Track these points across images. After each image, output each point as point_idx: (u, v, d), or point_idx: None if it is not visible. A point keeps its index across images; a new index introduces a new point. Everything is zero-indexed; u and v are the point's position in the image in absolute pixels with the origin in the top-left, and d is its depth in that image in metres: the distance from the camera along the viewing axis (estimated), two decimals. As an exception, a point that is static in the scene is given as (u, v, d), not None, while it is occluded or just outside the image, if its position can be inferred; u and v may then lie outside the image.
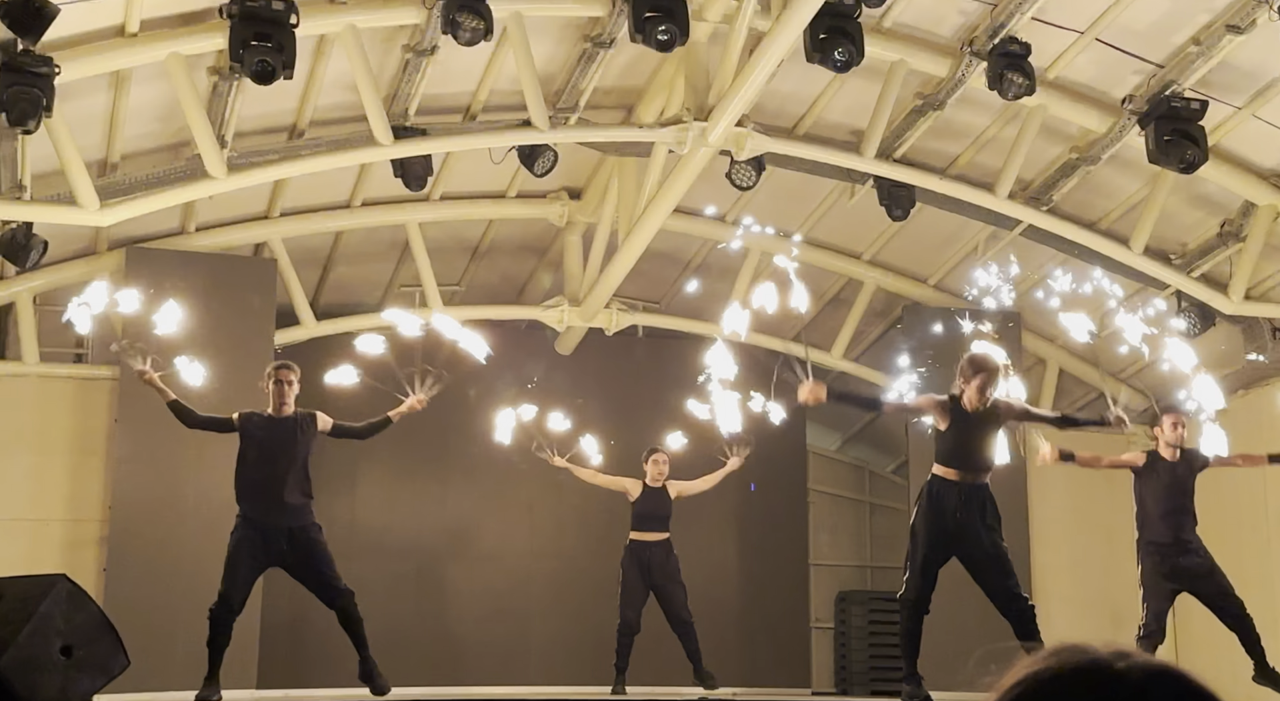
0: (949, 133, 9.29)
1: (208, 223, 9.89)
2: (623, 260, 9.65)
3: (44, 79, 7.04)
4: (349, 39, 7.79)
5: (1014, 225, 9.83)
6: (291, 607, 9.40)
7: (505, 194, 10.43)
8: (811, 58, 7.66)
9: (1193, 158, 8.14)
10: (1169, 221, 9.52)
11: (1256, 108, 8.42)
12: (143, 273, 9.43)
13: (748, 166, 9.07)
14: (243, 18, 7.19)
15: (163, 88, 7.98)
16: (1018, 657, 1.04)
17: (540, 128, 8.39)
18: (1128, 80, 8.43)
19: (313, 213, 10.10)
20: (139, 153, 8.76)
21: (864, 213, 10.04)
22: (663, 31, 7.41)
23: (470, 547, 10.96)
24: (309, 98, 8.62)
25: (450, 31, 7.39)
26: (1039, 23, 8.01)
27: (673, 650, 8.55)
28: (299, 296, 10.23)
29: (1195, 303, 9.88)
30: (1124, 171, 9.26)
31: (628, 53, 8.39)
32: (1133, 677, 0.99)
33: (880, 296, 11.37)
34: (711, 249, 11.21)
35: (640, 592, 8.41)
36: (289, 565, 6.87)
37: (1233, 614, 7.15)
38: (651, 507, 8.52)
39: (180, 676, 7.66)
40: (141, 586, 8.92)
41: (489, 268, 11.31)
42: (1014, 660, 1.04)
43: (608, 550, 9.04)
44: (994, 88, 8.06)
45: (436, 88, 8.58)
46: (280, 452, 6.83)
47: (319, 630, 8.77)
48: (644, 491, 8.58)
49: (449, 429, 10.60)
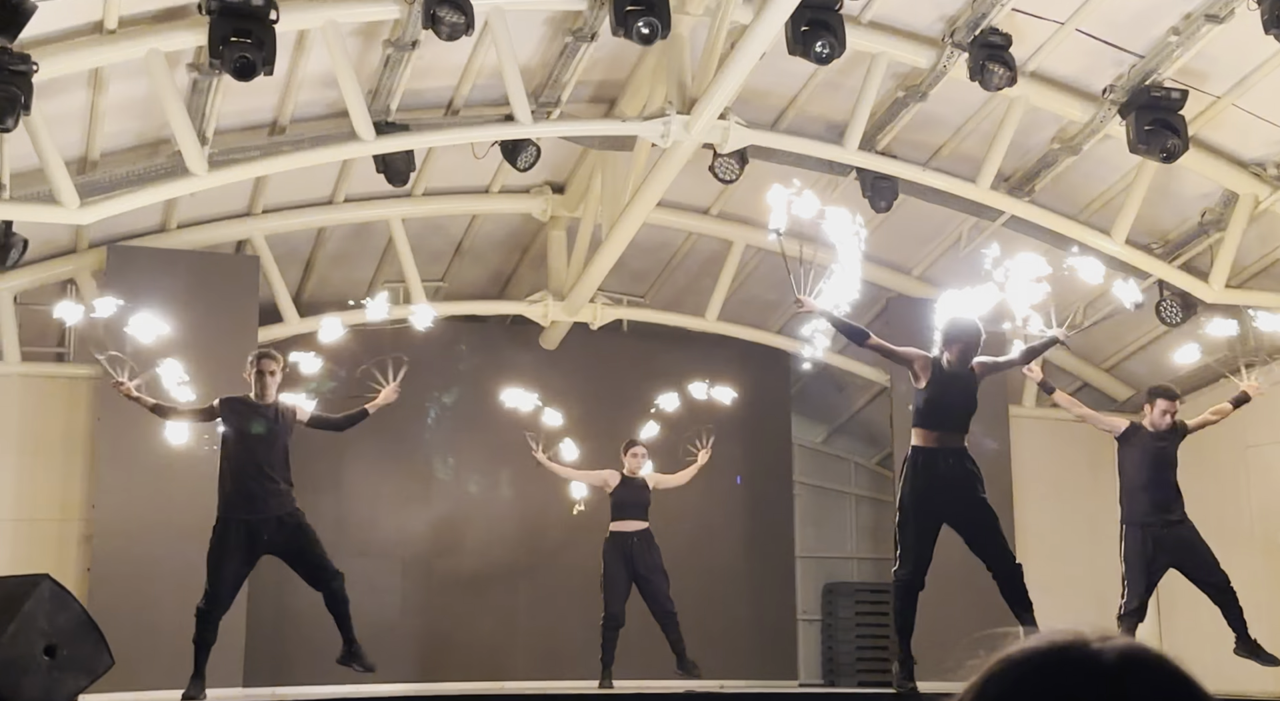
0: (931, 124, 9.30)
1: (189, 220, 9.85)
2: (607, 254, 9.65)
3: (22, 77, 7.00)
4: (329, 34, 7.76)
5: (996, 216, 9.86)
6: (277, 605, 9.38)
7: (488, 189, 10.41)
8: (793, 50, 7.66)
9: (1173, 147, 8.17)
10: (1150, 211, 9.56)
11: (1236, 97, 8.46)
12: (124, 271, 9.39)
13: (730, 159, 9.08)
14: (222, 14, 7.15)
15: (142, 85, 7.94)
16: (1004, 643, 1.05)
17: (523, 122, 8.37)
18: (1108, 70, 8.45)
19: (295, 209, 10.06)
20: (119, 150, 8.71)
21: (847, 204, 10.03)
22: (644, 25, 7.40)
23: (456, 543, 10.94)
24: (290, 94, 8.58)
25: (431, 26, 7.37)
26: (1019, 14, 8.03)
27: (658, 643, 8.56)
28: (282, 293, 10.19)
29: (1177, 292, 9.93)
30: (1105, 161, 9.29)
31: (609, 46, 8.37)
32: (1107, 657, 1.01)
33: (865, 288, 11.36)
34: (696, 242, 11.21)
35: (623, 584, 8.45)
36: (279, 551, 6.88)
37: (1217, 586, 7.14)
38: (629, 496, 8.63)
39: (165, 675, 7.64)
40: (125, 585, 8.89)
41: (472, 263, 11.29)
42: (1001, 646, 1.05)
43: (593, 544, 9.05)
44: (975, 79, 8.08)
45: (418, 83, 8.55)
46: (262, 439, 6.86)
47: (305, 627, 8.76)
48: (622, 481, 8.69)
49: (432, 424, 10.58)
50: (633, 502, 8.60)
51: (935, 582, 6.66)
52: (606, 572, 8.48)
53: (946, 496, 6.41)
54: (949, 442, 6.42)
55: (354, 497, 10.68)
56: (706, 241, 11.15)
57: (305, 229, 10.33)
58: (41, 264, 9.57)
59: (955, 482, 6.40)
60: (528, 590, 10.91)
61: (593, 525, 9.87)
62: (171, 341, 7.63)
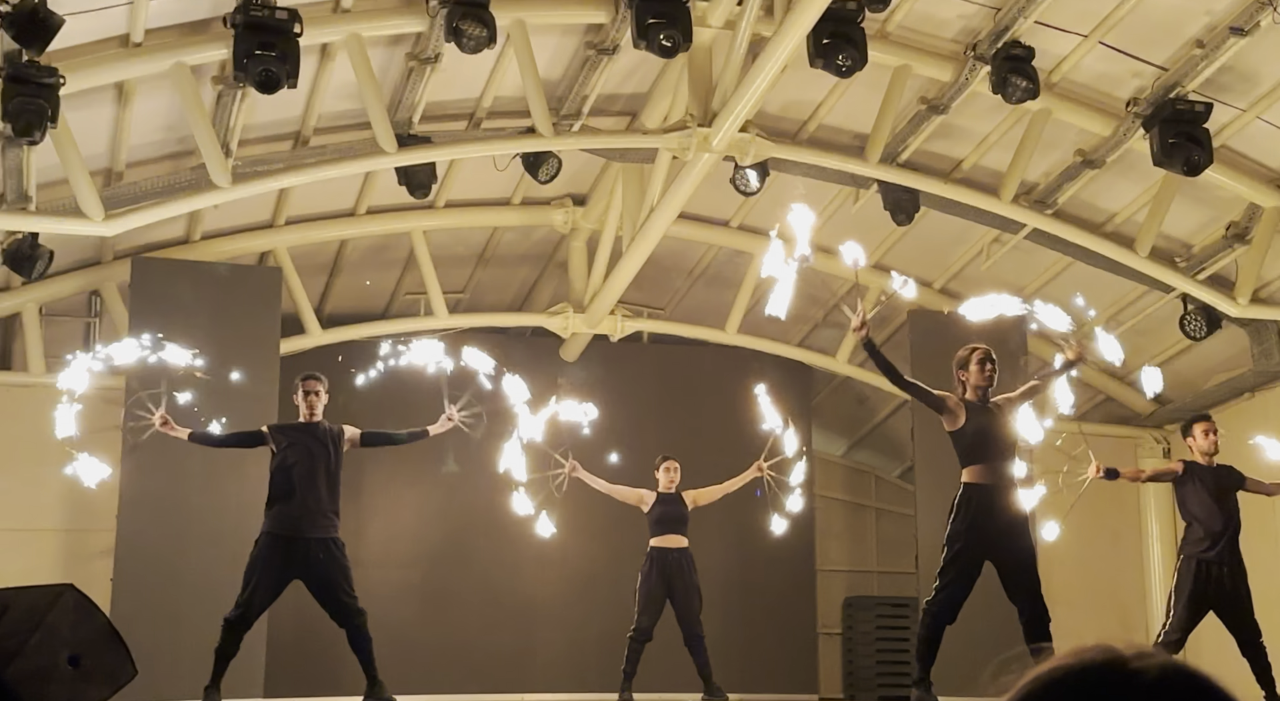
0: (953, 137, 9.28)
1: (213, 231, 9.90)
2: (627, 266, 9.65)
3: (49, 89, 7.06)
4: (353, 47, 7.80)
5: (1018, 228, 9.82)
6: (298, 616, 9.38)
7: (509, 201, 10.44)
8: (815, 63, 7.66)
9: (1197, 160, 8.12)
10: (1174, 224, 9.50)
11: (1261, 110, 8.41)
12: (148, 283, 9.46)
13: (751, 172, 9.07)
14: (247, 27, 7.20)
15: (167, 97, 8.00)
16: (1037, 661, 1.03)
17: (544, 135, 8.39)
18: (1131, 83, 8.42)
19: (317, 221, 10.11)
20: (144, 162, 8.77)
21: (868, 217, 10.03)
22: (666, 38, 7.41)
23: (475, 554, 10.95)
24: (313, 106, 8.63)
25: (453, 39, 7.40)
26: (1042, 26, 8.01)
27: (681, 658, 8.52)
28: (304, 305, 10.23)
29: (1201, 305, 9.86)
30: (1129, 174, 9.25)
31: (631, 59, 8.39)
32: (1148, 676, 0.98)
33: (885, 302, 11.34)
34: (716, 254, 11.21)
35: (659, 601, 8.37)
36: (308, 578, 6.88)
37: (1247, 640, 7.08)
38: (667, 513, 8.49)
39: (188, 685, 7.66)
40: (149, 596, 8.92)
41: (493, 274, 11.31)
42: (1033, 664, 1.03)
43: (613, 556, 9.04)
44: (998, 92, 8.06)
45: (440, 95, 8.59)
46: (313, 461, 6.89)
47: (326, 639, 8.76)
48: (658, 498, 8.56)
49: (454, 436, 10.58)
50: (672, 518, 8.48)
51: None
52: (643, 586, 8.40)
53: (995, 535, 6.37)
54: (999, 477, 6.39)
55: (373, 508, 10.70)
56: (727, 254, 11.15)
57: (328, 240, 10.38)
58: (67, 275, 9.64)
59: (1004, 522, 6.36)
60: (547, 601, 10.90)
61: (614, 536, 9.86)
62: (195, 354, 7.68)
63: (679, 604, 8.35)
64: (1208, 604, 7.16)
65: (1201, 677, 1.00)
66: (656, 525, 8.50)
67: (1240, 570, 7.18)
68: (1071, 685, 1.00)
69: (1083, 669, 1.00)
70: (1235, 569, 7.17)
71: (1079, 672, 1.00)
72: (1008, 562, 6.43)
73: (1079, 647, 1.03)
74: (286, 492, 6.84)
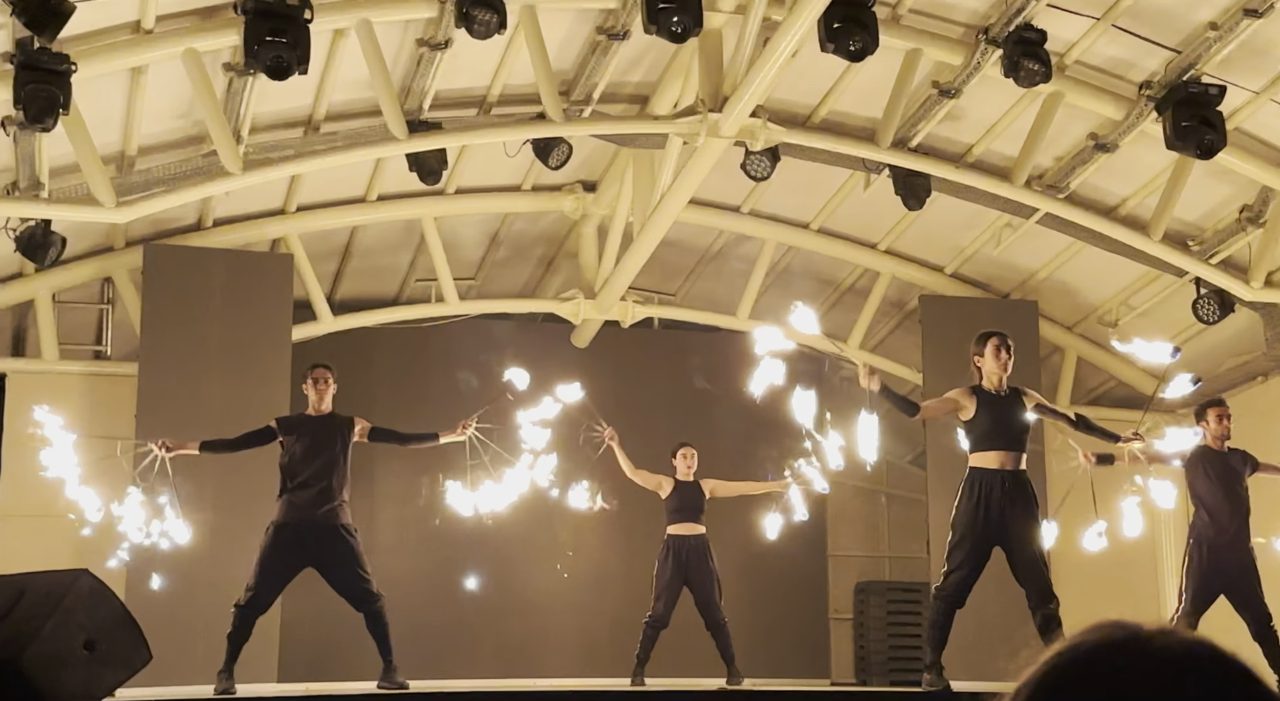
0: (964, 121, 9.25)
1: (224, 217, 9.92)
2: (638, 252, 9.64)
3: (61, 76, 7.07)
4: (363, 33, 7.79)
5: (1030, 213, 9.79)
6: (313, 601, 9.41)
7: (520, 187, 10.43)
8: (826, 47, 7.63)
9: (1211, 143, 8.08)
10: (1187, 208, 9.46)
11: (1275, 92, 8.36)
12: (161, 270, 9.48)
13: (762, 157, 9.06)
14: (257, 13, 7.20)
15: (179, 84, 8.00)
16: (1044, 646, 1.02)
17: (554, 120, 8.38)
18: (1144, 65, 8.38)
19: (329, 207, 10.12)
20: (155, 148, 8.79)
21: (879, 202, 10.01)
22: (676, 23, 7.39)
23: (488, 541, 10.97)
24: (324, 92, 8.63)
25: (464, 25, 7.39)
26: (1054, 9, 7.97)
27: (692, 644, 8.54)
28: (316, 291, 10.25)
29: (1214, 289, 9.83)
30: (1142, 158, 9.21)
31: (641, 44, 8.37)
32: (1171, 653, 0.97)
33: (896, 286, 11.33)
34: (726, 240, 11.20)
35: (675, 588, 8.38)
36: (321, 565, 6.92)
37: (1258, 623, 7.08)
38: (685, 500, 8.48)
39: (202, 670, 7.70)
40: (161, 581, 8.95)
41: (504, 261, 11.32)
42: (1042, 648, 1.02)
43: (626, 543, 9.05)
44: (1009, 75, 8.02)
45: (450, 81, 8.58)
46: (322, 450, 6.92)
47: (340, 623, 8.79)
48: (675, 486, 8.54)
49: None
50: (689, 506, 8.47)
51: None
52: (660, 574, 8.41)
53: (1001, 520, 6.37)
54: (1007, 463, 6.40)
55: (386, 495, 10.73)
56: (738, 239, 11.14)
57: (339, 227, 10.39)
58: (79, 262, 9.67)
59: (1012, 507, 6.37)
60: (559, 587, 10.92)
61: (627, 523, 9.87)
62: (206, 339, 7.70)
63: (698, 592, 8.36)
64: (1218, 588, 7.16)
65: (1224, 654, 0.98)
66: (674, 513, 8.49)
67: (1250, 554, 7.18)
68: (1092, 662, 0.98)
69: (1103, 646, 0.98)
70: (1245, 553, 7.17)
71: (1102, 650, 0.98)
72: (1015, 547, 6.43)
73: (1098, 623, 1.01)
74: (297, 482, 6.88)
